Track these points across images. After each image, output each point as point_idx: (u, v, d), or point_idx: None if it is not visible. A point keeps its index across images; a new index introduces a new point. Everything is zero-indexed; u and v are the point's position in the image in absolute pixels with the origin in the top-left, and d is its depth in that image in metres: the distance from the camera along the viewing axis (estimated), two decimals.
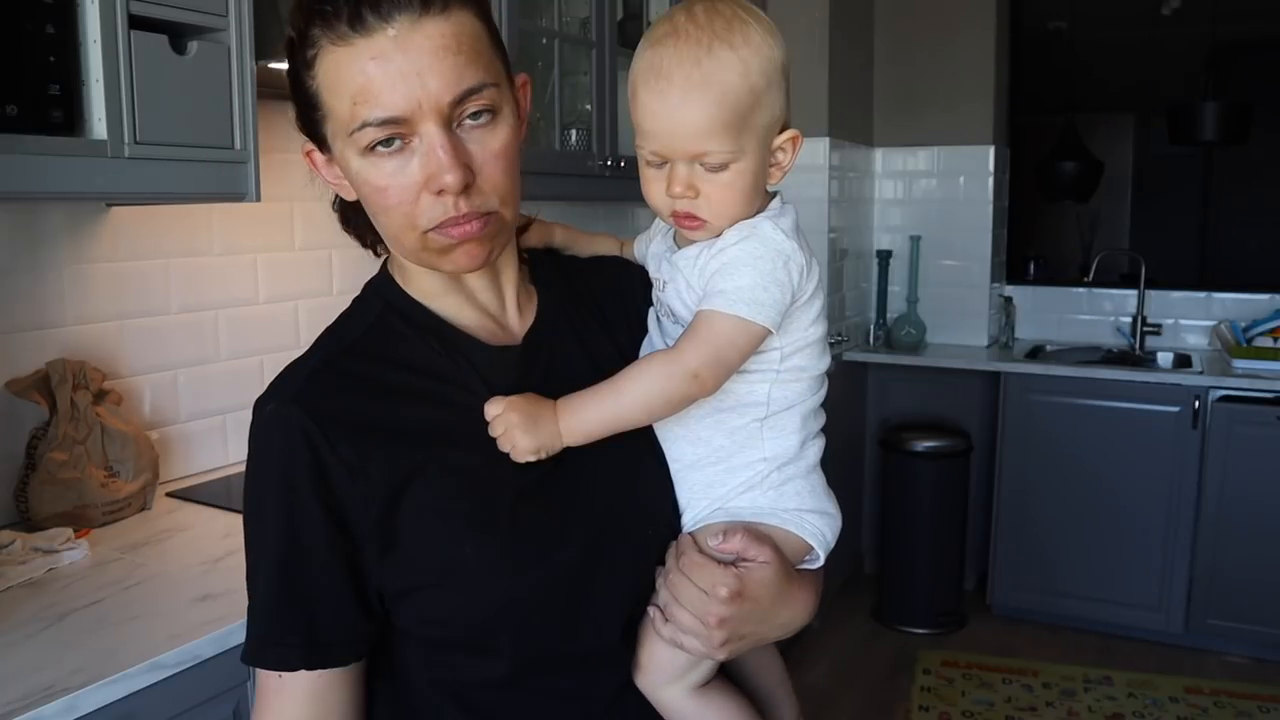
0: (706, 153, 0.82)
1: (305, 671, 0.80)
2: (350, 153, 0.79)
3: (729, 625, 0.84)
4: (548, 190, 2.24)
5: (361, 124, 0.76)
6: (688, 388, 0.82)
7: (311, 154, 0.85)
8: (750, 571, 0.86)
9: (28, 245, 1.64)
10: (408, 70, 0.75)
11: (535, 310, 0.94)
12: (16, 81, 1.23)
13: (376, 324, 0.88)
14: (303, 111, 0.83)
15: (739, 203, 0.85)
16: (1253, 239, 6.11)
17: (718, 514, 0.89)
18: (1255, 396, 3.18)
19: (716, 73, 0.80)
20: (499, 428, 0.80)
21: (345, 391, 0.82)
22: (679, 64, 0.80)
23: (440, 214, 0.79)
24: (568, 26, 2.46)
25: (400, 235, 0.82)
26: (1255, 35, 5.37)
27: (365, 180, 0.80)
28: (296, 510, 0.79)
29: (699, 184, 0.83)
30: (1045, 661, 3.31)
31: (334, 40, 0.76)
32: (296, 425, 0.79)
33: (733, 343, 0.82)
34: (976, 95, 3.81)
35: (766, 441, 0.89)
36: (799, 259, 0.85)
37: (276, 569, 0.80)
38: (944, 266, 3.92)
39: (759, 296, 0.82)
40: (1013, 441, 3.50)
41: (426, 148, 0.77)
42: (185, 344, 1.90)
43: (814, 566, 0.94)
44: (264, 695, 0.82)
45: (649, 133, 0.83)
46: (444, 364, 0.86)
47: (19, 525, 1.58)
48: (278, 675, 0.81)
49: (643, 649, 0.88)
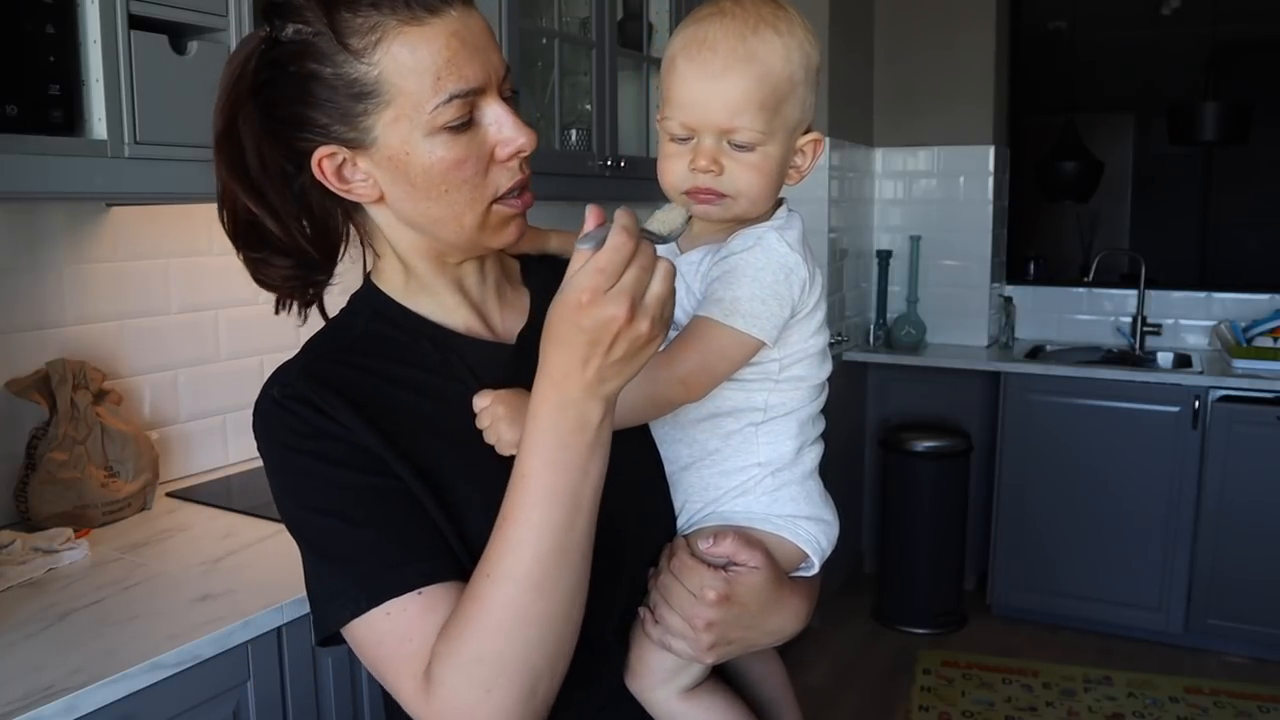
0: (738, 129, 0.82)
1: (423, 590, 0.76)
2: (418, 135, 0.79)
3: (716, 629, 0.84)
4: (548, 190, 2.24)
5: (449, 96, 0.78)
6: (673, 393, 0.82)
7: (323, 161, 0.81)
8: (740, 576, 0.85)
9: (28, 245, 1.64)
10: (478, 46, 0.80)
11: (527, 312, 0.94)
12: (16, 81, 1.23)
13: (367, 330, 0.88)
14: (332, 109, 0.79)
15: (762, 187, 0.85)
16: (1253, 239, 6.11)
17: (710, 517, 0.89)
18: (1255, 396, 3.18)
19: (761, 50, 0.81)
20: (485, 419, 0.80)
21: (343, 377, 0.83)
22: (725, 36, 0.81)
23: (508, 180, 0.82)
24: (568, 26, 2.46)
25: (464, 213, 0.82)
26: (1255, 35, 5.37)
27: (439, 158, 0.80)
28: (331, 453, 0.79)
29: (724, 160, 0.83)
30: (1045, 661, 3.31)
31: (406, 20, 0.77)
32: (310, 398, 0.80)
33: (724, 353, 0.82)
34: (976, 95, 3.81)
35: (761, 446, 0.88)
36: (802, 272, 0.84)
37: (346, 522, 0.78)
38: (944, 266, 3.92)
39: (755, 309, 0.81)
40: (1012, 441, 3.50)
41: (494, 118, 0.81)
42: (185, 344, 1.90)
43: (808, 574, 0.93)
44: (381, 641, 0.76)
45: (682, 103, 0.83)
46: (436, 360, 0.86)
47: (19, 525, 1.58)
48: (385, 613, 0.75)
49: (633, 650, 0.88)
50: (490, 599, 0.73)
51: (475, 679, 0.72)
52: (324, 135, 0.80)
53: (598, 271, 0.67)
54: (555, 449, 0.72)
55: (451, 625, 0.74)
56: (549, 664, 0.74)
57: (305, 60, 0.78)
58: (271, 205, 0.84)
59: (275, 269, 0.87)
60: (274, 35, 0.80)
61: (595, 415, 0.72)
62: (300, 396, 0.80)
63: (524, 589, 0.72)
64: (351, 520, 0.77)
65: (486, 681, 0.72)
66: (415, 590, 0.75)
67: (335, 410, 0.80)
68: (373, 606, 0.75)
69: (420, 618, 0.75)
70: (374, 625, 0.76)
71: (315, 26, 0.77)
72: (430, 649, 0.74)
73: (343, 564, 0.77)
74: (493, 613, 0.72)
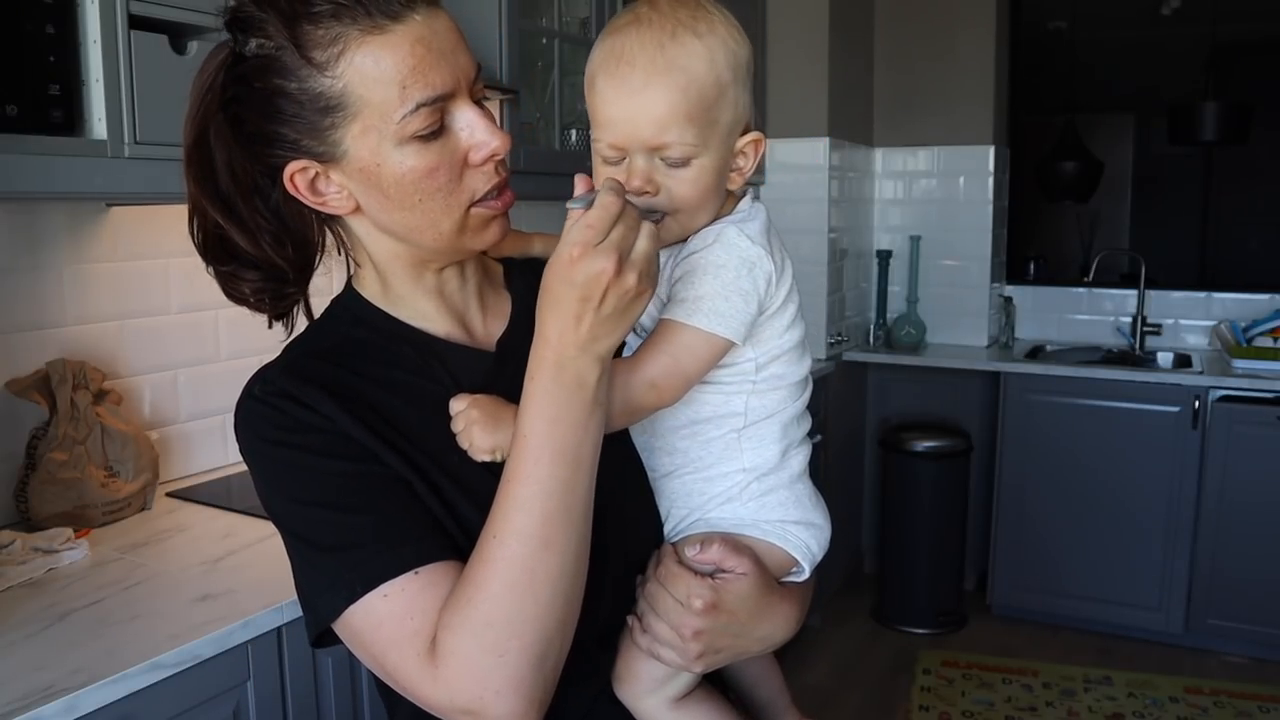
0: (667, 145, 0.78)
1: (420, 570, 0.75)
2: (387, 145, 0.77)
3: (704, 638, 0.82)
4: (547, 190, 2.24)
5: (415, 105, 0.76)
6: (644, 397, 0.80)
7: (295, 176, 0.80)
8: (728, 583, 0.84)
9: (28, 245, 1.64)
10: (445, 50, 0.78)
11: (508, 317, 0.93)
12: (16, 81, 1.23)
13: (348, 335, 0.87)
14: (300, 124, 0.77)
15: (701, 199, 0.81)
16: (1253, 239, 6.11)
17: (697, 524, 0.87)
18: (1255, 396, 3.18)
19: (681, 58, 0.77)
20: (460, 423, 0.79)
21: (325, 373, 0.82)
22: (642, 48, 0.77)
23: (485, 183, 0.81)
24: (568, 26, 2.46)
25: (440, 220, 0.81)
26: (1255, 35, 5.37)
27: (410, 167, 0.78)
28: (315, 444, 0.78)
29: (659, 179, 0.80)
30: (1045, 661, 3.31)
31: (368, 30, 0.75)
32: (291, 394, 0.80)
33: (692, 353, 0.80)
34: (976, 95, 3.81)
35: (745, 452, 0.86)
36: (766, 266, 0.81)
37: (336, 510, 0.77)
38: (944, 266, 3.92)
39: (719, 306, 0.79)
40: (1012, 441, 3.50)
41: (466, 123, 0.79)
42: (185, 344, 1.90)
43: (799, 580, 0.91)
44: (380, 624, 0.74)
45: (606, 121, 0.80)
46: (418, 365, 0.86)
47: (19, 525, 1.58)
48: (383, 595, 0.74)
49: (621, 659, 0.87)
50: (499, 559, 0.72)
51: (486, 644, 0.71)
52: (294, 150, 0.79)
53: (587, 227, 0.70)
54: (556, 407, 0.73)
55: (459, 592, 0.73)
56: (559, 628, 0.74)
57: (270, 76, 0.77)
58: (240, 218, 0.83)
59: (244, 282, 0.85)
60: (238, 50, 0.78)
61: (592, 374, 0.73)
62: (281, 392, 0.80)
63: (533, 547, 0.72)
64: (339, 507, 0.77)
65: (498, 646, 0.71)
66: (412, 570, 0.74)
67: (318, 403, 0.79)
68: (369, 590, 0.74)
69: (420, 594, 0.74)
70: (371, 609, 0.74)
71: (277, 40, 0.76)
72: (433, 624, 0.73)
73: (333, 553, 0.76)
74: (502, 573, 0.72)
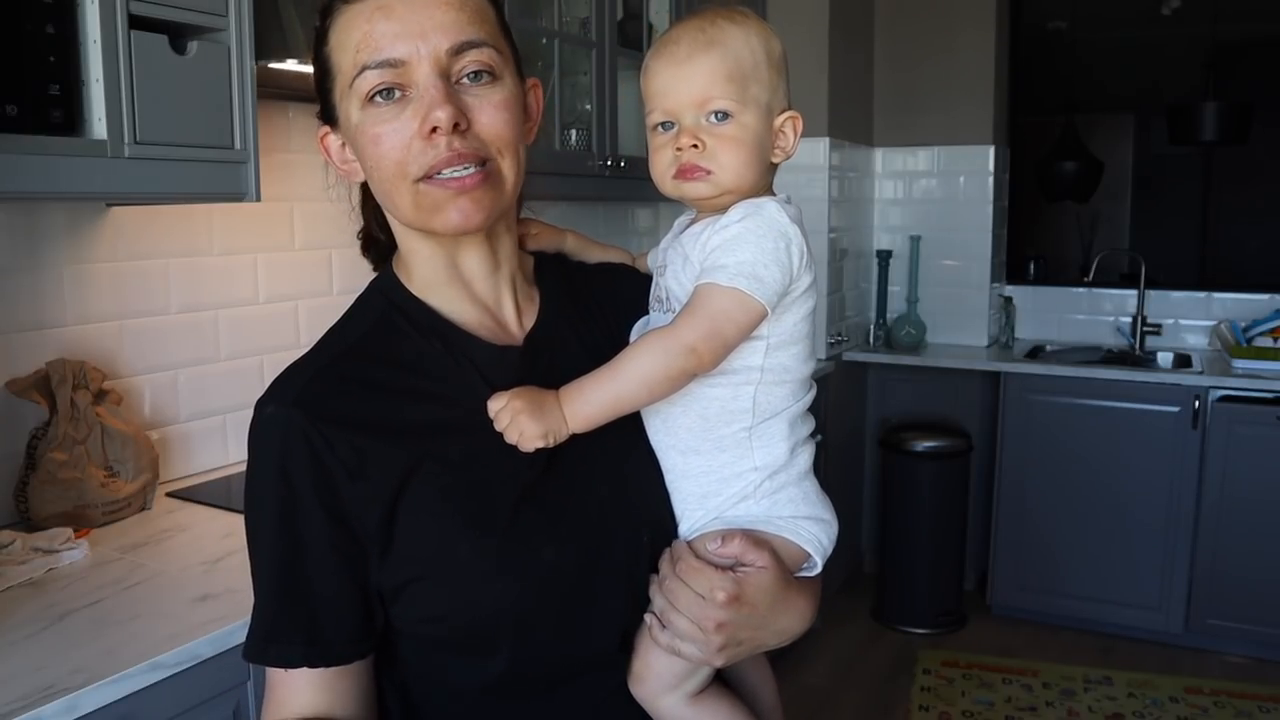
0: (711, 98, 0.85)
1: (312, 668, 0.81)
2: (353, 108, 0.81)
3: (727, 630, 0.83)
4: (548, 190, 2.24)
5: (361, 68, 0.79)
6: (685, 362, 0.82)
7: (325, 138, 0.88)
8: (748, 576, 0.85)
9: (28, 245, 1.64)
10: (409, 20, 0.79)
11: (537, 311, 0.94)
12: (16, 81, 1.23)
13: (379, 322, 0.88)
14: (320, 88, 0.86)
15: (743, 158, 0.87)
16: (1253, 239, 6.10)
17: (714, 523, 0.89)
18: (1255, 396, 3.18)
19: (719, 36, 0.86)
20: (505, 418, 0.80)
21: (345, 394, 0.82)
22: (685, 32, 0.88)
23: (432, 158, 0.80)
24: (568, 26, 2.46)
25: (394, 190, 0.82)
26: (1255, 35, 5.37)
27: (362, 131, 0.82)
28: (297, 510, 0.79)
29: (704, 136, 0.86)
30: (1045, 661, 3.31)
31: (350, 1, 0.81)
32: (296, 427, 0.79)
33: (731, 317, 0.83)
34: (976, 95, 3.81)
35: (755, 450, 0.88)
36: (800, 243, 0.86)
37: (278, 568, 0.81)
38: (944, 266, 3.92)
39: (759, 273, 0.82)
40: (1012, 441, 3.50)
41: (420, 92, 0.79)
42: (185, 344, 1.90)
43: (812, 574, 0.93)
44: (272, 687, 0.83)
45: (658, 92, 0.88)
46: (445, 363, 0.86)
47: (19, 525, 1.58)
48: (283, 670, 0.81)
49: (639, 658, 0.88)
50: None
51: None
52: (326, 117, 0.87)
53: None
54: None
55: None
56: None
57: (317, 47, 0.85)
58: None
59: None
60: None
61: None
62: (286, 423, 0.80)
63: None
64: (281, 572, 0.81)
65: None
66: (312, 667, 0.81)
67: (320, 450, 0.79)
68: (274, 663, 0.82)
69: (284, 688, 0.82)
70: (273, 672, 0.83)
71: (320, 17, 0.84)
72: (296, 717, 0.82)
73: (265, 602, 0.82)
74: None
